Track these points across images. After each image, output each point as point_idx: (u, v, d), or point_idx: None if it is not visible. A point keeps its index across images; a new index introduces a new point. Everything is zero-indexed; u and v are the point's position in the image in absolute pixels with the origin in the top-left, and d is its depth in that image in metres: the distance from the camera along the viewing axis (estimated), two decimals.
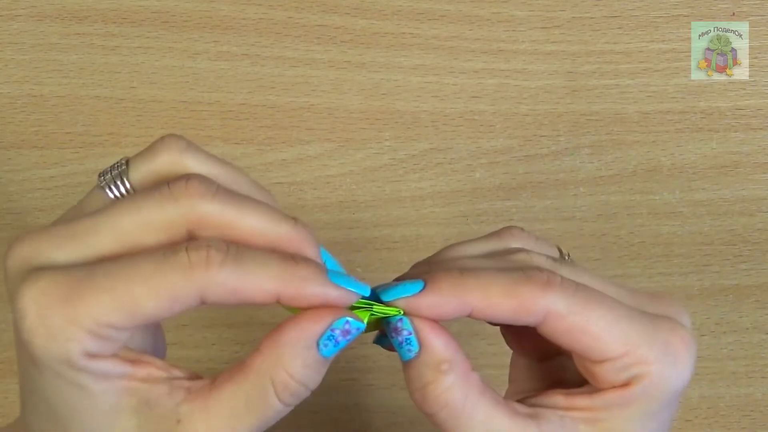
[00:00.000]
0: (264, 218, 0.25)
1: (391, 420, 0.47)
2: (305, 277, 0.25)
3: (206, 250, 0.24)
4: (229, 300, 0.24)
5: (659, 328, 0.26)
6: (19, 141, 0.47)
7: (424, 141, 0.47)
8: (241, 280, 0.24)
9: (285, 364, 0.25)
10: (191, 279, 0.24)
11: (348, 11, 0.47)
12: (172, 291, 0.24)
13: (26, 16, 0.46)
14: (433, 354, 0.26)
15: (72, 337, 0.23)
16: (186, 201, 0.25)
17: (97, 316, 0.23)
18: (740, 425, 0.47)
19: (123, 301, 0.23)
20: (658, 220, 0.47)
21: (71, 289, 0.24)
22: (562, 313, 0.25)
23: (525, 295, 0.25)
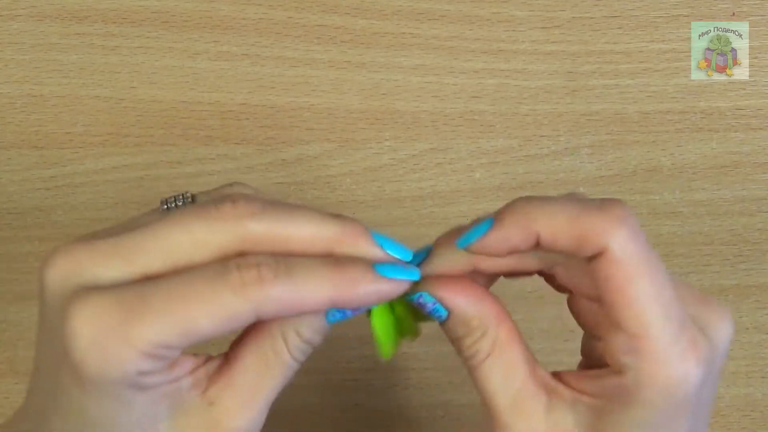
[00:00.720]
0: (310, 226, 0.26)
1: (391, 420, 0.47)
2: (355, 279, 0.25)
3: (257, 268, 0.24)
4: (285, 313, 0.25)
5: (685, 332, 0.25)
6: (19, 141, 0.47)
7: (424, 141, 0.47)
8: (294, 293, 0.24)
9: (295, 326, 0.26)
10: (246, 297, 0.24)
11: (348, 11, 0.47)
12: (228, 310, 0.24)
13: (26, 16, 0.46)
14: (461, 316, 0.27)
15: (128, 359, 0.24)
16: (234, 221, 0.25)
17: (154, 338, 0.24)
18: (740, 425, 0.47)
19: (179, 322, 0.24)
20: (658, 220, 0.47)
21: (126, 311, 0.24)
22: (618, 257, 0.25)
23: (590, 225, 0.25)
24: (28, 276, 0.46)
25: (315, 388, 0.47)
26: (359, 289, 0.25)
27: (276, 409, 0.47)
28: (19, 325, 0.46)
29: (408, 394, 0.47)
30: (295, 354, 0.27)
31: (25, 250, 0.46)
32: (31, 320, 0.46)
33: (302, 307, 0.25)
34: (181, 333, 0.24)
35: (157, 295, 0.24)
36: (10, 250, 0.46)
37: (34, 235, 0.46)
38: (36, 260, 0.46)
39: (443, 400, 0.47)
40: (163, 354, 0.24)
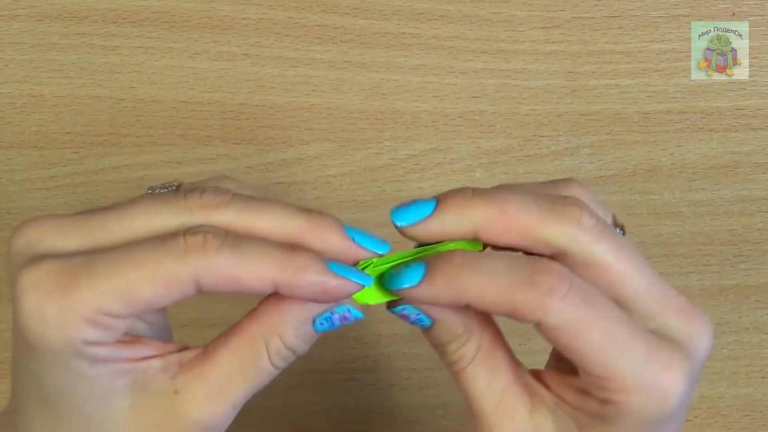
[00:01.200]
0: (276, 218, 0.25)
1: (391, 420, 0.47)
2: (303, 266, 0.25)
3: (203, 236, 0.24)
4: (225, 287, 0.24)
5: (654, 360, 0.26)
6: (19, 141, 0.47)
7: (424, 141, 0.47)
8: (237, 266, 0.24)
9: (279, 331, 0.26)
10: (187, 263, 0.24)
11: (348, 11, 0.47)
12: (168, 276, 0.24)
13: (26, 16, 0.46)
14: (446, 324, 0.27)
15: (69, 326, 0.24)
16: (199, 211, 0.25)
17: (94, 304, 0.24)
18: (740, 425, 0.47)
19: (119, 288, 0.24)
20: (658, 220, 0.47)
21: (69, 277, 0.24)
22: (553, 326, 0.25)
23: (522, 301, 0.25)
24: None
25: (315, 388, 0.47)
26: (304, 277, 0.25)
27: (276, 409, 0.47)
28: None
29: (408, 394, 0.47)
30: (275, 360, 0.26)
31: None
32: None
33: (242, 284, 0.24)
34: (122, 299, 0.24)
35: (100, 262, 0.24)
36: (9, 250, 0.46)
37: None
38: None
39: (443, 400, 0.47)
40: (107, 323, 0.24)
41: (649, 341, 0.26)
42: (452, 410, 0.47)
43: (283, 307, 0.26)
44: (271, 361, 0.26)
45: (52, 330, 0.24)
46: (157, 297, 0.24)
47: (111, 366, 0.25)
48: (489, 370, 0.27)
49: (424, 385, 0.47)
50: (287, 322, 0.26)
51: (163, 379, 0.26)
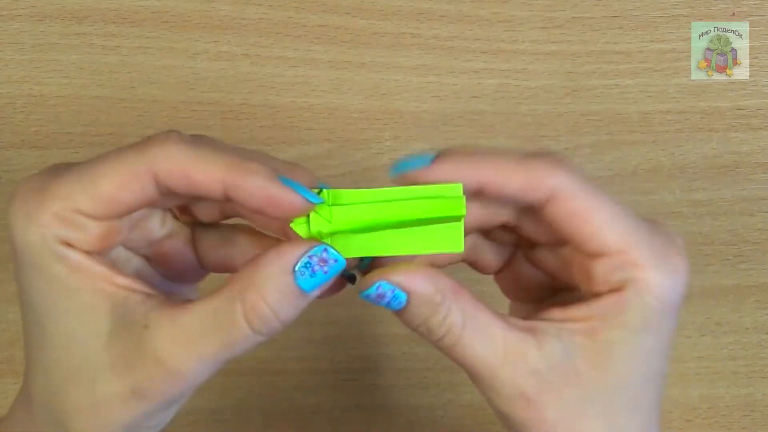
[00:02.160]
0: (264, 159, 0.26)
1: (391, 420, 0.47)
2: (252, 170, 0.25)
3: (167, 134, 0.25)
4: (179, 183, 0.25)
5: (657, 235, 0.27)
6: (19, 141, 0.47)
7: (424, 141, 0.47)
8: (190, 161, 0.25)
9: (257, 284, 0.25)
10: (145, 154, 0.25)
11: (348, 11, 0.47)
12: (126, 166, 0.25)
13: (26, 16, 0.46)
14: (423, 295, 0.26)
15: (43, 221, 0.25)
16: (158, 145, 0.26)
17: (64, 199, 0.25)
18: (740, 425, 0.47)
19: (85, 182, 0.25)
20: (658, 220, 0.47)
21: (48, 179, 0.26)
22: (568, 194, 0.26)
23: (536, 169, 0.26)
24: None
25: (315, 388, 0.47)
26: (252, 180, 0.25)
27: (276, 409, 0.47)
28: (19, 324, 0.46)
29: (408, 394, 0.47)
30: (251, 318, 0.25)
31: None
32: None
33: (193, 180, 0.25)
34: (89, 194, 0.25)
35: (75, 166, 0.26)
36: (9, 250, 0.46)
37: None
38: None
39: (443, 400, 0.47)
40: (81, 222, 0.25)
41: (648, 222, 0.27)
42: (452, 410, 0.47)
43: (260, 260, 0.25)
44: (247, 319, 0.25)
45: (30, 227, 0.25)
46: (119, 190, 0.25)
47: (91, 280, 0.26)
48: (482, 330, 0.27)
49: (424, 385, 0.47)
50: (265, 273, 0.25)
51: (139, 312, 0.26)
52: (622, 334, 0.26)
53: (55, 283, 0.25)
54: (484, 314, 0.27)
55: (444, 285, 0.27)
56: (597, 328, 0.26)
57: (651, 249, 0.26)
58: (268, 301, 0.25)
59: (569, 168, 0.26)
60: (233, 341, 0.25)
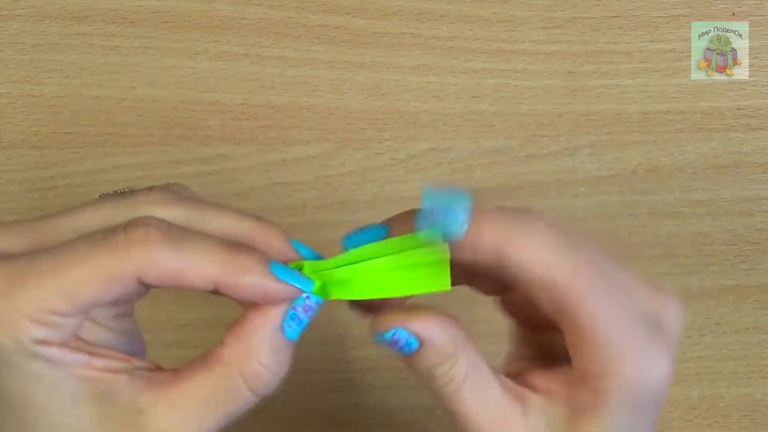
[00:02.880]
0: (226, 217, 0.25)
1: (391, 420, 0.47)
2: (245, 267, 0.24)
3: (145, 228, 0.24)
4: (167, 282, 0.24)
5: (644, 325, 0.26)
6: (19, 141, 0.47)
7: (424, 141, 0.47)
8: (179, 262, 0.24)
9: (254, 352, 0.25)
10: (127, 258, 0.23)
11: (348, 11, 0.47)
12: (108, 271, 0.23)
13: (26, 16, 0.46)
14: (435, 345, 0.26)
15: (16, 325, 0.23)
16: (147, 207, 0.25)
17: (38, 302, 0.23)
18: (740, 425, 0.47)
19: (61, 285, 0.23)
20: (658, 220, 0.47)
21: (13, 276, 0.24)
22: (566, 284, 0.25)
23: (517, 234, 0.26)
24: None
25: (315, 388, 0.47)
26: (246, 279, 0.24)
27: (276, 409, 0.47)
28: None
29: (408, 394, 0.47)
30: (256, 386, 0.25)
31: None
32: None
33: (184, 281, 0.24)
34: (64, 296, 0.23)
35: (42, 260, 0.24)
36: None
37: None
38: None
39: None
40: (54, 321, 0.24)
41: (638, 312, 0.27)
42: None
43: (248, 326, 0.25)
44: (251, 388, 0.25)
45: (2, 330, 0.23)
46: (99, 293, 0.24)
47: (71, 370, 0.25)
48: (480, 386, 0.27)
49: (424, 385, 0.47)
50: (257, 338, 0.25)
51: (128, 394, 0.25)
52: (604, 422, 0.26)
53: (33, 380, 0.24)
54: (484, 371, 0.27)
55: (457, 334, 0.27)
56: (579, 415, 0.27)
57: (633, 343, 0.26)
58: (266, 365, 0.25)
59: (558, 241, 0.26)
60: (236, 410, 0.26)
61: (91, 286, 0.24)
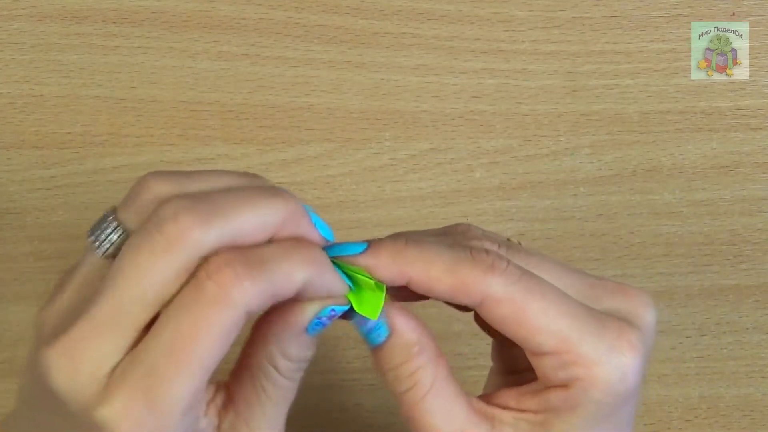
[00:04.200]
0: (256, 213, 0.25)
1: (391, 420, 0.47)
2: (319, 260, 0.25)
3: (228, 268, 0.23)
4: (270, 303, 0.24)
5: (606, 328, 0.26)
6: (19, 141, 0.47)
7: (424, 141, 0.47)
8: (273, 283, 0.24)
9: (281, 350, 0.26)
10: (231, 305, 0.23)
11: (348, 11, 0.47)
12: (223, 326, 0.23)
13: (26, 16, 0.46)
14: (404, 337, 0.27)
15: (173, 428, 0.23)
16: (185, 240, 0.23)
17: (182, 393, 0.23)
18: (740, 425, 0.47)
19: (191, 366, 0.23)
20: (658, 220, 0.47)
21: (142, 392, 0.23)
22: (499, 299, 0.25)
23: (465, 275, 0.26)
24: (28, 276, 0.46)
25: (315, 388, 0.47)
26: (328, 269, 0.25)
27: None
28: (19, 325, 0.46)
29: None
30: (290, 375, 0.27)
31: (25, 250, 0.46)
32: (31, 320, 0.46)
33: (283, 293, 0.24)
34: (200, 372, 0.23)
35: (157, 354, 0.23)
36: (10, 250, 0.46)
37: (34, 235, 0.46)
38: (36, 260, 0.46)
39: None
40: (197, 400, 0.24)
41: (596, 314, 0.26)
42: None
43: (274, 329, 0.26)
44: (285, 377, 0.27)
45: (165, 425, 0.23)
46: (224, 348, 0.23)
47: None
48: (447, 401, 0.27)
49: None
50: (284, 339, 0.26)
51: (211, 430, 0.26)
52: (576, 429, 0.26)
53: None
54: (452, 388, 0.27)
55: (427, 343, 0.27)
56: (550, 422, 0.27)
57: (595, 343, 0.26)
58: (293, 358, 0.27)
59: (503, 272, 0.26)
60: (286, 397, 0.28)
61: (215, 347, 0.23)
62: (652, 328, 0.27)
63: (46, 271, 0.46)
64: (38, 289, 0.46)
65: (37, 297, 0.46)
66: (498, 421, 0.27)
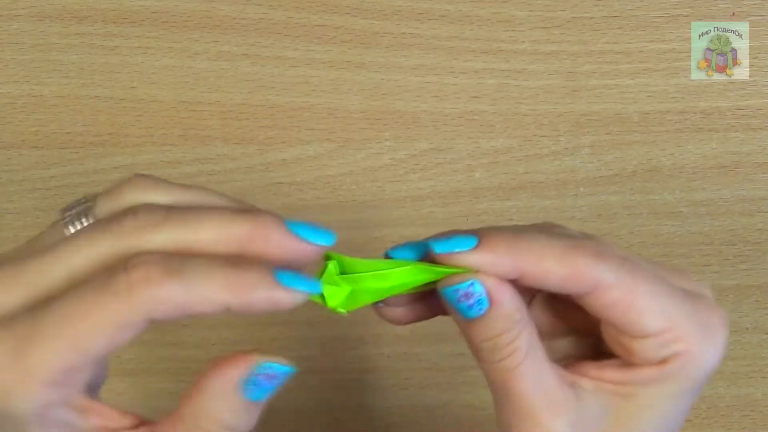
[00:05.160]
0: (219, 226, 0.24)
1: (391, 420, 0.47)
2: (251, 284, 0.23)
3: (145, 267, 0.23)
4: (177, 316, 0.23)
5: (698, 306, 0.27)
6: (19, 141, 0.47)
7: (424, 141, 0.47)
8: (185, 294, 0.23)
9: (213, 411, 0.24)
10: (134, 302, 0.23)
11: (348, 11, 0.47)
12: (117, 320, 0.23)
13: (26, 16, 0.46)
14: (505, 307, 0.26)
15: (31, 391, 0.23)
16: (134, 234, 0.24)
17: (51, 365, 0.23)
18: (740, 425, 0.47)
19: (72, 341, 0.23)
20: (658, 220, 0.47)
21: (19, 340, 0.23)
22: (611, 283, 0.26)
23: (578, 262, 0.26)
24: None
25: (315, 388, 0.47)
26: (254, 295, 0.23)
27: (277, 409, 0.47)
28: None
29: (408, 394, 0.47)
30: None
31: None
32: None
33: (194, 311, 0.23)
34: (77, 351, 0.23)
35: (47, 318, 0.23)
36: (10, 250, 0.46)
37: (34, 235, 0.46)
38: None
39: (443, 400, 0.47)
40: (67, 378, 0.23)
41: (688, 294, 0.27)
42: (452, 410, 0.47)
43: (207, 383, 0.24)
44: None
45: (16, 398, 0.23)
46: (111, 341, 0.23)
47: None
48: (539, 366, 0.27)
49: (424, 385, 0.47)
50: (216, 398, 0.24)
51: None
52: (661, 401, 0.27)
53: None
54: (541, 353, 0.27)
55: (522, 306, 0.27)
56: (636, 393, 0.27)
57: (694, 322, 0.26)
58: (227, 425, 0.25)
59: (610, 257, 0.26)
60: None
61: (102, 336, 0.23)
62: None
63: None
64: None
65: None
66: (580, 388, 0.27)
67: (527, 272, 0.26)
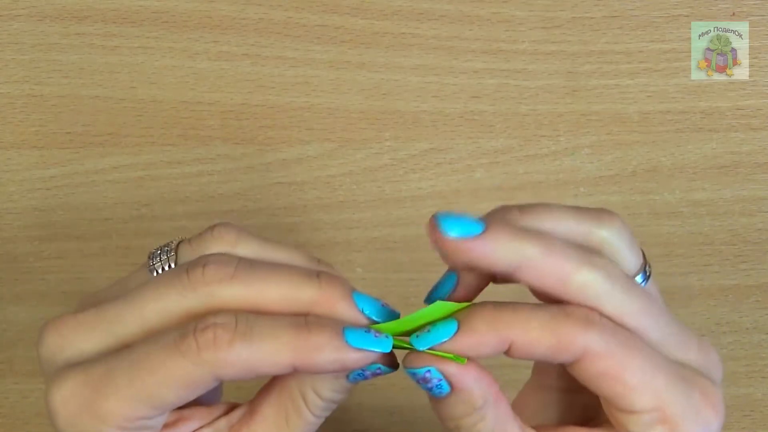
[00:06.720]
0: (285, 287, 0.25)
1: (391, 420, 0.47)
2: (318, 346, 0.24)
3: (213, 330, 0.24)
4: (245, 376, 0.24)
5: (694, 388, 0.26)
6: (19, 141, 0.47)
7: (424, 141, 0.47)
8: (252, 357, 0.24)
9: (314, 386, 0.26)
10: (202, 363, 0.24)
11: (348, 11, 0.47)
12: (186, 378, 0.24)
13: (26, 16, 0.46)
14: (465, 395, 0.26)
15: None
16: (204, 289, 0.25)
17: (122, 412, 0.24)
18: (740, 425, 0.47)
19: (142, 394, 0.24)
20: (658, 220, 0.47)
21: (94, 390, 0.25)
22: (599, 353, 0.25)
23: (565, 331, 0.25)
24: (28, 276, 0.46)
25: None
26: (322, 356, 0.24)
27: None
28: (19, 325, 0.46)
29: (408, 394, 0.47)
30: (316, 411, 0.27)
31: (25, 250, 0.46)
32: (31, 320, 0.46)
33: (260, 371, 0.24)
34: (148, 404, 0.24)
35: (120, 369, 0.24)
36: (10, 250, 0.46)
37: (34, 235, 0.46)
38: (36, 260, 0.46)
39: None
40: (140, 424, 0.25)
41: (683, 372, 0.26)
42: None
43: None
44: (312, 412, 0.27)
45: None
46: (180, 398, 0.25)
47: None
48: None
49: None
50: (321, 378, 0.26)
51: None
52: None
53: None
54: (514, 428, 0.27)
55: (489, 390, 0.26)
56: None
57: (684, 404, 0.26)
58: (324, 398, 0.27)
59: (600, 325, 0.25)
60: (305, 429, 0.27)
61: (173, 393, 0.24)
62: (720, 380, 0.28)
63: (46, 271, 0.46)
64: (38, 289, 0.46)
65: (37, 297, 0.46)
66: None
67: (515, 344, 0.25)
